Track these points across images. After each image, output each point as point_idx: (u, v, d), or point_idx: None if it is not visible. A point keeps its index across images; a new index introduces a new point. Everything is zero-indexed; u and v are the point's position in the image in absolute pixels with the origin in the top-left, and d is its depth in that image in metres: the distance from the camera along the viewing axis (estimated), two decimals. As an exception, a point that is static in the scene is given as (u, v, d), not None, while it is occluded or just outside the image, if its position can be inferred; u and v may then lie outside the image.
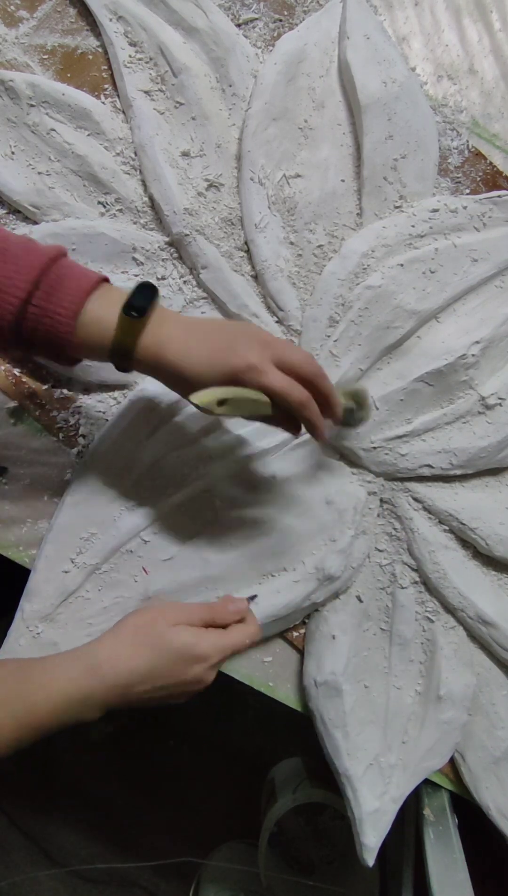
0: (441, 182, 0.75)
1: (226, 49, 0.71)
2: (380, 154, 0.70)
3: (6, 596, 0.68)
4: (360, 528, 0.70)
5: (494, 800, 0.69)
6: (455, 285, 0.69)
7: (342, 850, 1.10)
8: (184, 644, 0.52)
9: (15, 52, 0.72)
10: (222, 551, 0.67)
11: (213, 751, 1.32)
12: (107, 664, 0.50)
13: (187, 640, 0.52)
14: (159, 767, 1.32)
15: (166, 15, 0.72)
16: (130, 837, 1.28)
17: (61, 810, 1.29)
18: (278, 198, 0.70)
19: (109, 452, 0.67)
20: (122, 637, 0.53)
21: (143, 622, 0.53)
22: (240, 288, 0.70)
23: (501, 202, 0.71)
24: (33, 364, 0.70)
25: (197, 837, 1.26)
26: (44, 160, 0.69)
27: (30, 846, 1.26)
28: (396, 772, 0.68)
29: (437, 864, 0.69)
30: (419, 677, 0.70)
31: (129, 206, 0.70)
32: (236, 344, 0.52)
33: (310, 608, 0.69)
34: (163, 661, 0.51)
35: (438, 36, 0.77)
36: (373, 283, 0.67)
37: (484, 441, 0.69)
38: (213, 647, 0.53)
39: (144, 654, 0.51)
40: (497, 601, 0.70)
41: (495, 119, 0.77)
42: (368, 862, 0.65)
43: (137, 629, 0.53)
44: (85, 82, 0.73)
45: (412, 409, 0.69)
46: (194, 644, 0.52)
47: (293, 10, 0.75)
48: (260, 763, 1.21)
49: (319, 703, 0.67)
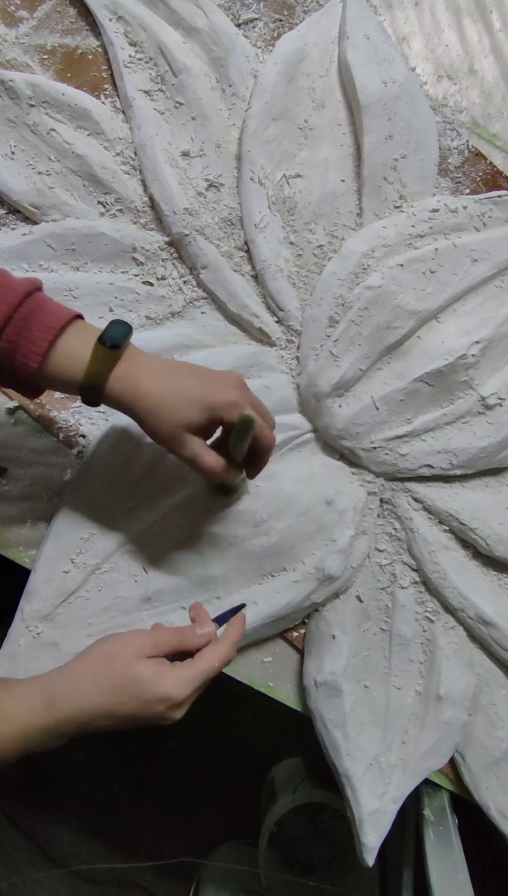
0: (441, 182, 0.75)
1: (226, 49, 0.71)
2: (380, 154, 0.70)
3: (6, 596, 0.68)
4: (360, 528, 0.70)
5: (494, 800, 0.69)
6: (455, 285, 0.69)
7: (342, 850, 1.10)
8: (146, 681, 0.50)
9: (15, 52, 0.72)
10: (222, 551, 0.67)
11: (213, 751, 1.32)
12: (66, 699, 0.49)
13: (149, 676, 0.50)
14: (159, 767, 1.32)
15: (166, 15, 0.72)
16: (130, 837, 1.28)
17: (61, 810, 1.29)
18: (278, 198, 0.70)
19: (109, 452, 0.67)
20: (84, 670, 0.51)
21: (107, 654, 0.52)
22: (240, 288, 0.70)
23: (501, 202, 0.71)
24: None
25: (197, 837, 1.26)
26: (44, 160, 0.69)
27: (30, 846, 1.26)
28: (396, 772, 0.68)
29: (437, 864, 0.69)
30: (419, 677, 0.70)
31: (129, 206, 0.70)
32: (217, 382, 0.54)
33: (310, 608, 0.69)
34: (124, 699, 0.50)
35: (438, 36, 0.77)
36: (373, 283, 0.67)
37: (484, 441, 0.69)
38: (176, 685, 0.51)
39: (105, 691, 0.50)
40: (497, 601, 0.70)
41: (495, 119, 0.77)
42: (368, 862, 0.65)
43: (101, 662, 0.51)
44: (85, 82, 0.73)
45: (412, 409, 0.69)
46: (157, 681, 0.50)
47: (293, 10, 0.75)
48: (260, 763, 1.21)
49: (319, 703, 0.67)
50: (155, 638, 0.53)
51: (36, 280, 0.52)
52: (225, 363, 0.68)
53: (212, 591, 0.67)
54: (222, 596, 0.67)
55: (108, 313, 0.69)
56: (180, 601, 0.67)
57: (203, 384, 0.53)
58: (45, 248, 0.68)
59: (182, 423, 0.53)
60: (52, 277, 0.68)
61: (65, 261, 0.69)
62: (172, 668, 0.52)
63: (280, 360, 0.72)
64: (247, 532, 0.67)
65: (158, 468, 0.67)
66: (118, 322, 0.53)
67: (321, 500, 0.68)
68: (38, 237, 0.68)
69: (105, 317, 0.69)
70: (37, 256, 0.68)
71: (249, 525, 0.67)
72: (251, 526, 0.67)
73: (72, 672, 0.51)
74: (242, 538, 0.67)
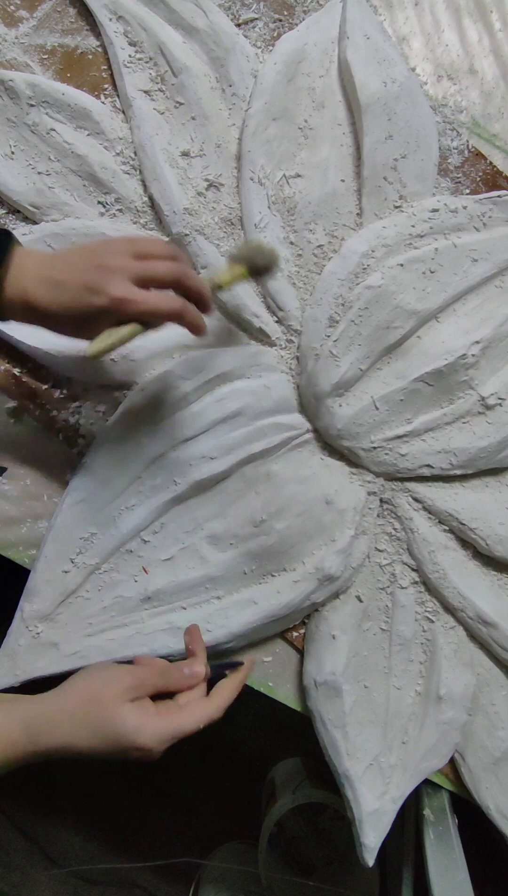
0: (441, 182, 0.75)
1: (226, 49, 0.71)
2: (380, 154, 0.70)
3: (6, 596, 0.68)
4: (360, 528, 0.70)
5: (494, 800, 0.69)
6: (455, 285, 0.69)
7: (342, 850, 1.10)
8: (128, 731, 0.50)
9: (15, 52, 0.72)
10: (222, 551, 0.67)
11: (213, 751, 1.32)
12: (47, 735, 0.49)
13: (131, 727, 0.50)
14: (159, 767, 1.32)
15: (166, 15, 0.72)
16: (130, 837, 1.28)
17: (61, 810, 1.29)
18: (278, 198, 0.70)
19: (109, 452, 0.67)
20: (65, 711, 0.51)
21: (89, 697, 0.51)
22: (240, 288, 0.70)
23: (501, 202, 0.71)
24: (33, 363, 0.70)
25: (197, 837, 1.26)
26: (44, 160, 0.69)
27: (30, 846, 1.27)
28: (396, 772, 0.68)
29: (437, 864, 0.69)
30: (419, 677, 0.70)
31: (129, 206, 0.70)
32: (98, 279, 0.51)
33: (310, 608, 0.69)
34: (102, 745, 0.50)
35: (438, 36, 0.77)
36: (373, 283, 0.67)
37: (484, 441, 0.69)
38: (154, 739, 0.50)
39: (84, 735, 0.50)
40: (497, 601, 0.70)
41: (495, 119, 0.77)
42: (368, 862, 0.65)
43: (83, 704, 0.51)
44: (85, 82, 0.73)
45: (412, 409, 0.69)
46: (137, 733, 0.50)
47: (293, 10, 0.75)
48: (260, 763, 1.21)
49: (319, 703, 0.67)
50: (139, 679, 0.53)
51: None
52: (225, 363, 0.68)
53: (212, 591, 0.67)
54: (221, 596, 0.67)
55: (108, 313, 0.69)
56: (180, 601, 0.67)
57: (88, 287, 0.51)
58: (46, 248, 0.68)
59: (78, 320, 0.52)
60: (52, 277, 0.68)
61: (65, 261, 0.69)
62: (154, 718, 0.51)
63: (280, 360, 0.72)
64: (247, 532, 0.67)
65: (158, 467, 0.67)
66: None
67: (321, 500, 0.68)
68: (38, 237, 0.68)
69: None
70: (37, 256, 0.68)
71: (249, 525, 0.67)
72: (251, 526, 0.67)
73: (53, 710, 0.51)
74: (242, 538, 0.67)
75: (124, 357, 0.67)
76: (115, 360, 0.67)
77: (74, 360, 0.67)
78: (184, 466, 0.67)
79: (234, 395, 0.68)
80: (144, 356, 0.68)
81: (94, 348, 0.53)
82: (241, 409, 0.68)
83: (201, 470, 0.67)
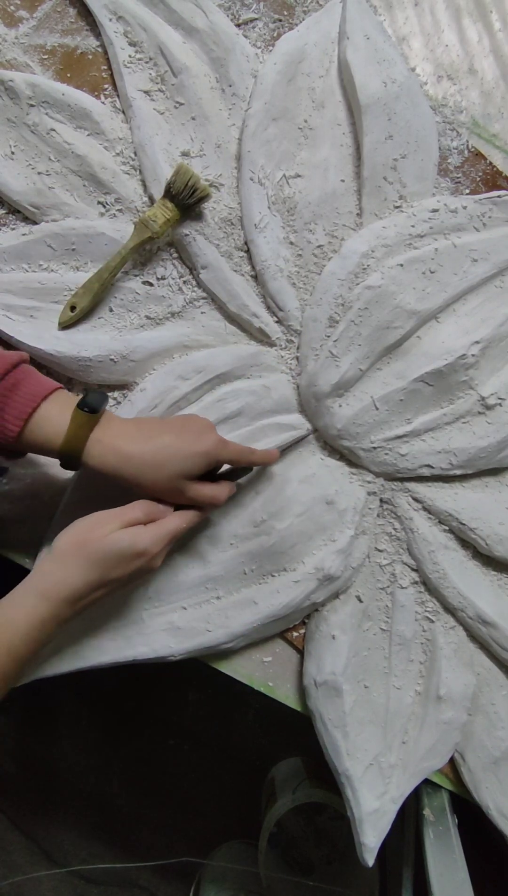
0: (441, 182, 0.75)
1: (226, 49, 0.71)
2: (380, 154, 0.70)
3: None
4: (360, 528, 0.70)
5: (494, 800, 0.69)
6: (455, 285, 0.69)
7: (341, 850, 1.10)
8: (123, 547, 0.54)
9: (15, 52, 0.72)
10: (222, 551, 0.67)
11: (213, 751, 1.32)
12: (55, 589, 0.53)
13: (126, 541, 0.54)
14: (159, 767, 1.32)
15: (166, 15, 0.72)
16: (130, 837, 1.29)
17: (61, 810, 1.29)
18: (278, 198, 0.70)
19: (109, 452, 0.67)
20: (62, 559, 0.54)
21: (79, 539, 0.54)
22: (240, 288, 0.70)
23: (501, 202, 0.71)
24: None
25: (197, 837, 1.26)
26: (44, 160, 0.69)
27: (30, 846, 1.27)
28: (396, 772, 0.68)
29: (437, 864, 0.69)
30: (419, 677, 0.70)
31: (129, 206, 0.70)
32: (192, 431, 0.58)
33: (310, 608, 0.69)
34: (107, 568, 0.54)
35: (438, 36, 0.77)
36: (373, 283, 0.67)
37: (484, 441, 0.69)
38: (152, 540, 0.55)
39: (88, 569, 0.53)
40: (497, 601, 0.70)
41: (495, 119, 0.77)
42: (368, 862, 0.66)
43: (75, 547, 0.54)
44: (85, 82, 0.73)
45: (412, 409, 0.69)
46: (133, 543, 0.54)
47: (293, 10, 0.75)
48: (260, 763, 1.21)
49: (319, 703, 0.67)
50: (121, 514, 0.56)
51: (24, 353, 0.58)
52: (225, 363, 0.68)
53: (212, 591, 0.67)
54: (221, 596, 0.67)
55: (108, 313, 0.69)
56: (180, 601, 0.67)
57: (183, 437, 0.58)
58: (45, 248, 0.68)
59: (181, 475, 0.57)
60: (52, 277, 0.68)
61: (65, 261, 0.69)
62: (144, 528, 0.56)
63: (280, 360, 0.72)
64: (247, 532, 0.67)
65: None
66: (95, 391, 0.59)
67: (321, 500, 0.68)
68: (39, 237, 0.68)
69: (104, 317, 0.69)
70: (37, 256, 0.68)
71: (249, 525, 0.67)
72: (251, 526, 0.67)
73: (50, 566, 0.54)
74: (242, 538, 0.67)
75: (124, 357, 0.68)
76: (115, 361, 0.67)
77: (74, 360, 0.67)
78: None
79: (234, 395, 0.68)
80: (144, 356, 0.68)
81: None
82: (241, 409, 0.68)
83: (201, 470, 0.67)
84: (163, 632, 0.66)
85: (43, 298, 0.68)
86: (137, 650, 0.65)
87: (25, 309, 0.67)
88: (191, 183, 0.66)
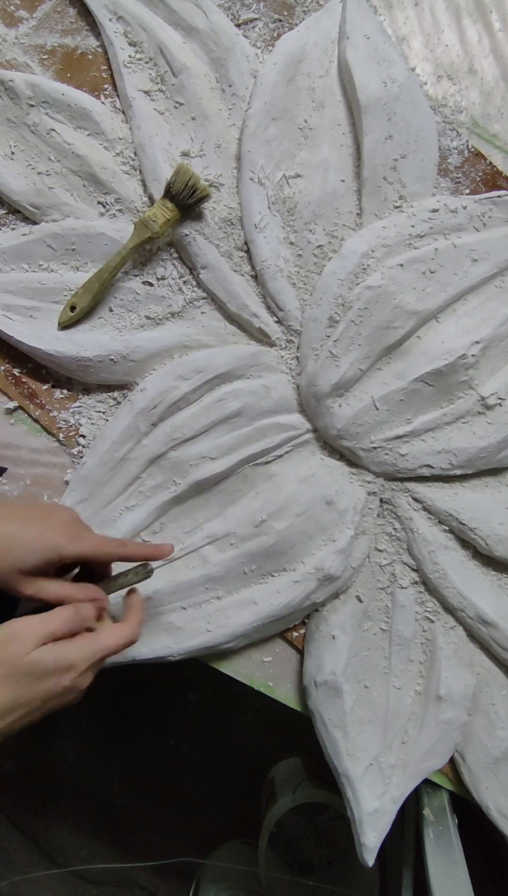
0: (441, 182, 0.75)
1: (226, 49, 0.71)
2: (380, 154, 0.70)
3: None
4: (360, 528, 0.70)
5: (494, 800, 0.69)
6: (455, 285, 0.69)
7: (341, 850, 1.10)
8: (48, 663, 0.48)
9: (15, 52, 0.72)
10: (221, 551, 0.67)
11: (213, 751, 1.32)
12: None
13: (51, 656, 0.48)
14: (159, 767, 1.32)
15: (166, 15, 0.72)
16: (130, 837, 1.29)
17: (61, 810, 1.29)
18: (277, 198, 0.70)
19: (109, 452, 0.67)
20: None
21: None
22: (240, 288, 0.70)
23: (501, 202, 0.71)
24: (33, 363, 0.70)
25: (197, 837, 1.26)
26: (44, 160, 0.69)
27: (30, 846, 1.27)
28: (396, 772, 0.68)
29: (437, 864, 0.69)
30: (419, 677, 0.70)
31: (129, 206, 0.70)
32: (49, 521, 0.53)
33: (310, 608, 0.69)
34: (25, 688, 0.47)
35: (438, 36, 0.77)
36: (373, 283, 0.67)
37: (484, 441, 0.69)
38: (80, 654, 0.49)
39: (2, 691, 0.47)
40: (497, 601, 0.70)
41: (495, 119, 0.77)
42: (368, 862, 0.66)
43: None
44: (85, 82, 0.73)
45: (412, 409, 0.69)
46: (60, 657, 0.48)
47: (293, 10, 0.75)
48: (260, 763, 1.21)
49: (319, 703, 0.67)
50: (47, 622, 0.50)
51: None
52: (225, 363, 0.68)
53: (212, 591, 0.67)
54: (221, 596, 0.67)
55: (108, 313, 0.69)
56: (180, 601, 0.67)
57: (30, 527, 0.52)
58: (45, 248, 0.68)
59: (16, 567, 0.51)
60: (52, 277, 0.68)
61: (65, 261, 0.69)
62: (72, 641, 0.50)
63: (280, 360, 0.72)
64: (247, 532, 0.67)
65: (158, 468, 0.67)
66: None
67: (321, 500, 0.68)
68: (38, 237, 0.68)
69: (104, 317, 0.69)
70: (37, 256, 0.68)
71: (249, 525, 0.67)
72: (251, 526, 0.67)
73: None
74: (242, 538, 0.67)
75: (124, 357, 0.68)
76: (115, 361, 0.67)
77: (74, 360, 0.67)
78: (184, 467, 0.67)
79: (234, 395, 0.68)
80: (144, 356, 0.68)
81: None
82: (241, 409, 0.68)
83: (200, 470, 0.67)
84: (162, 632, 0.66)
85: (43, 298, 0.68)
86: (136, 650, 0.65)
87: (25, 309, 0.67)
88: (191, 183, 0.66)
